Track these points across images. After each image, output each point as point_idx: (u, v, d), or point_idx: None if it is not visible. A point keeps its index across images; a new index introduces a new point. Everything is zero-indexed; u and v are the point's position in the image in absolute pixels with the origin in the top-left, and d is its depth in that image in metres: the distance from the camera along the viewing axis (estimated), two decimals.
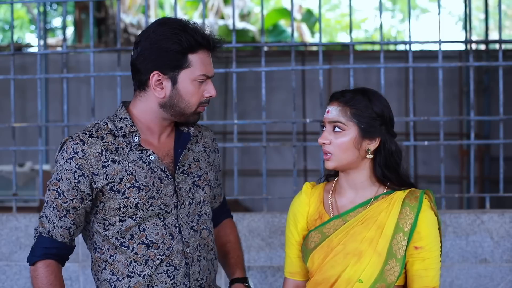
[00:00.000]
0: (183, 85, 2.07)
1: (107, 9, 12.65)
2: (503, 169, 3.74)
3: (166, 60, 2.05)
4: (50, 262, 2.07)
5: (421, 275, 2.07)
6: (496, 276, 3.48)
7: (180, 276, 2.10)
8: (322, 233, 2.12)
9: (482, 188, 8.93)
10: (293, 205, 2.23)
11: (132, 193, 2.05)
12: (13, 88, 3.90)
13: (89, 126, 2.12)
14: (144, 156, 2.09)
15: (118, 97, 3.84)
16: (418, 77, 8.91)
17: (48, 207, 2.08)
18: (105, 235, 2.10)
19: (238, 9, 14.88)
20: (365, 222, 2.08)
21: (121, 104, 2.16)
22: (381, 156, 2.10)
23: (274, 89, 9.03)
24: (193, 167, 2.17)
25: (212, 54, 2.12)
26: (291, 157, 6.18)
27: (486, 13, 8.96)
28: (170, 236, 2.09)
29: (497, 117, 3.77)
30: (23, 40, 17.86)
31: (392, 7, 21.28)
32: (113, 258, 2.09)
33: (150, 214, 2.07)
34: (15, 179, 3.88)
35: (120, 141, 2.09)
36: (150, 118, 2.12)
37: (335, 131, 2.08)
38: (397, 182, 2.12)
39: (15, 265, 3.65)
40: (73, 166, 2.04)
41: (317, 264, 2.11)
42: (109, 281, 2.11)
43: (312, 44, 4.07)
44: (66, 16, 5.79)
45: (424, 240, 2.07)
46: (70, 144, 2.06)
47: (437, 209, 2.14)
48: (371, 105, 2.09)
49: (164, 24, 2.07)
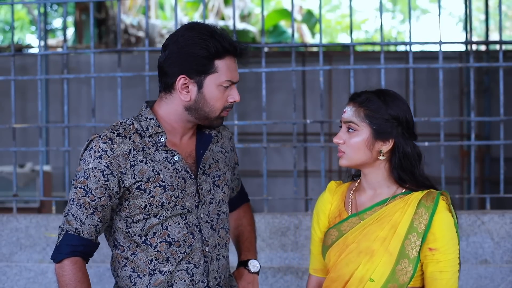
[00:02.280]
0: (208, 90, 2.11)
1: (108, 10, 12.66)
2: (504, 170, 3.74)
3: (193, 64, 2.09)
4: (77, 259, 2.10)
5: (435, 277, 2.05)
6: (497, 277, 3.47)
7: (199, 274, 2.15)
8: (339, 230, 2.14)
9: (483, 189, 8.93)
10: (317, 203, 2.26)
11: (158, 192, 2.09)
12: (13, 89, 3.91)
13: (115, 125, 2.15)
14: (169, 157, 2.13)
15: (119, 98, 3.84)
16: (419, 77, 8.91)
17: (75, 205, 2.10)
18: (128, 232, 2.13)
19: (238, 10, 14.89)
20: (380, 221, 2.09)
21: (145, 104, 2.20)
22: (396, 158, 2.11)
23: (274, 90, 9.03)
24: (213, 168, 2.22)
25: (238, 60, 2.16)
26: (292, 158, 6.18)
27: (487, 14, 8.96)
28: (191, 235, 2.14)
29: (498, 117, 3.76)
30: (24, 41, 17.86)
31: (393, 8, 21.29)
32: (134, 255, 2.13)
33: (174, 213, 2.12)
34: (16, 180, 3.88)
35: (147, 141, 2.12)
36: (175, 120, 2.16)
37: (349, 131, 2.11)
38: (414, 184, 2.12)
39: (16, 266, 3.65)
40: (102, 165, 2.07)
41: (333, 261, 2.13)
42: (129, 278, 2.14)
43: (312, 45, 4.07)
44: (66, 17, 5.81)
45: (438, 241, 2.04)
46: (98, 143, 2.08)
47: (455, 211, 2.11)
48: (386, 107, 2.09)
49: (192, 29, 2.11)
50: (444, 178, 3.73)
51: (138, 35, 13.63)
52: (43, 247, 3.63)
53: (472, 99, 3.87)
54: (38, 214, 3.72)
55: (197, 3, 15.76)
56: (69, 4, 12.47)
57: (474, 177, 4.13)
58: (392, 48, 13.80)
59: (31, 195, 7.04)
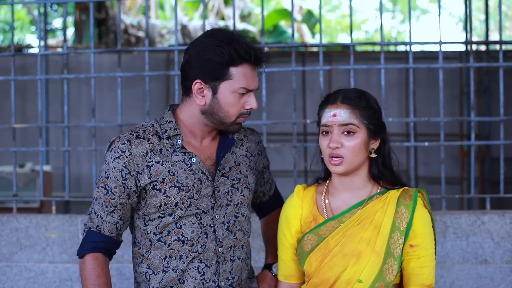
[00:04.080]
0: (222, 96, 2.16)
1: (108, 10, 12.66)
2: (504, 170, 3.74)
3: (208, 70, 2.14)
4: (98, 255, 2.20)
5: (416, 273, 2.10)
6: (497, 277, 3.47)
7: (210, 274, 2.20)
8: (318, 235, 2.12)
9: (483, 189, 8.93)
10: (286, 208, 2.24)
11: (173, 192, 2.16)
12: (13, 89, 3.90)
13: (137, 127, 2.24)
14: (186, 158, 2.19)
15: (119, 98, 3.84)
16: (419, 78, 8.91)
17: (97, 203, 2.21)
18: (144, 230, 2.22)
19: (238, 10, 14.89)
20: (361, 222, 2.09)
21: (168, 107, 2.28)
22: (381, 155, 2.11)
23: (274, 90, 9.03)
24: (233, 170, 2.26)
25: (257, 67, 2.20)
26: (292, 158, 6.18)
27: (487, 14, 8.96)
28: (204, 235, 2.20)
29: (498, 117, 3.76)
30: (24, 41, 17.86)
31: (393, 8, 21.29)
32: (149, 253, 2.21)
33: (188, 213, 2.18)
34: (16, 180, 3.88)
35: (165, 142, 2.20)
36: (193, 123, 2.22)
37: (346, 134, 2.07)
38: (391, 181, 2.13)
39: (16, 266, 3.65)
40: (120, 165, 2.16)
41: (315, 266, 2.11)
42: (145, 274, 2.23)
43: (312, 45, 4.07)
44: (66, 17, 5.81)
45: (419, 238, 2.08)
46: (117, 144, 2.18)
47: (431, 207, 2.15)
48: (375, 105, 2.11)
49: (211, 36, 2.17)
50: (444, 178, 3.73)
51: (138, 35, 13.64)
52: (43, 247, 3.64)
53: (472, 99, 3.87)
54: (38, 214, 3.72)
55: (197, 3, 15.77)
56: (69, 4, 12.47)
57: (474, 177, 4.13)
58: (392, 48, 13.80)
59: (31, 195, 7.04)
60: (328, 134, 2.09)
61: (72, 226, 3.60)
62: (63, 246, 3.61)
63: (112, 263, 3.53)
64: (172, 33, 14.10)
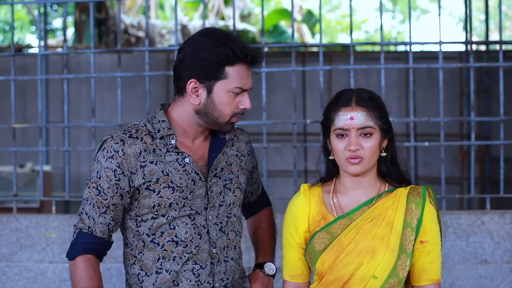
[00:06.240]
0: (217, 95, 2.14)
1: (108, 10, 12.66)
2: (504, 170, 3.74)
3: (203, 69, 2.12)
4: (90, 257, 2.15)
5: (427, 268, 2.13)
6: (497, 277, 3.47)
7: (205, 275, 2.19)
8: (330, 233, 2.13)
9: (483, 189, 8.93)
10: (292, 207, 2.23)
11: (167, 193, 2.14)
12: (13, 89, 3.91)
13: (128, 126, 2.20)
14: (179, 158, 2.17)
15: (119, 98, 3.84)
16: (419, 78, 8.91)
17: (88, 204, 2.16)
18: (137, 231, 2.18)
19: (238, 10, 14.90)
20: (374, 219, 2.11)
21: (160, 107, 2.24)
22: (389, 153, 2.14)
23: (274, 90, 9.03)
24: (225, 171, 2.25)
25: (251, 67, 2.18)
26: (292, 158, 6.18)
27: (487, 14, 8.96)
28: (198, 236, 2.18)
29: (498, 117, 3.76)
30: (24, 41, 17.86)
31: (393, 8, 21.29)
32: (142, 254, 2.18)
33: (182, 214, 2.15)
34: (16, 180, 3.88)
35: (158, 142, 2.17)
36: (186, 122, 2.20)
37: (364, 136, 2.09)
38: (397, 179, 2.16)
39: (16, 266, 3.65)
40: (113, 165, 2.13)
41: (328, 264, 2.12)
42: (137, 276, 2.20)
43: (312, 45, 4.07)
44: (66, 17, 5.81)
45: (429, 234, 2.12)
46: (110, 143, 2.14)
47: (437, 204, 2.19)
48: (383, 105, 2.14)
49: (206, 35, 2.15)
50: (444, 178, 3.73)
51: (138, 35, 13.64)
52: (43, 247, 3.64)
53: (472, 99, 3.87)
54: (38, 214, 3.72)
55: (197, 3, 15.77)
56: (69, 4, 12.47)
57: (474, 177, 4.13)
58: (392, 48, 13.81)
59: (31, 195, 7.04)
60: (344, 136, 2.09)
61: (72, 226, 3.60)
62: (63, 246, 3.61)
63: (112, 263, 3.55)
64: (172, 33, 14.11)
